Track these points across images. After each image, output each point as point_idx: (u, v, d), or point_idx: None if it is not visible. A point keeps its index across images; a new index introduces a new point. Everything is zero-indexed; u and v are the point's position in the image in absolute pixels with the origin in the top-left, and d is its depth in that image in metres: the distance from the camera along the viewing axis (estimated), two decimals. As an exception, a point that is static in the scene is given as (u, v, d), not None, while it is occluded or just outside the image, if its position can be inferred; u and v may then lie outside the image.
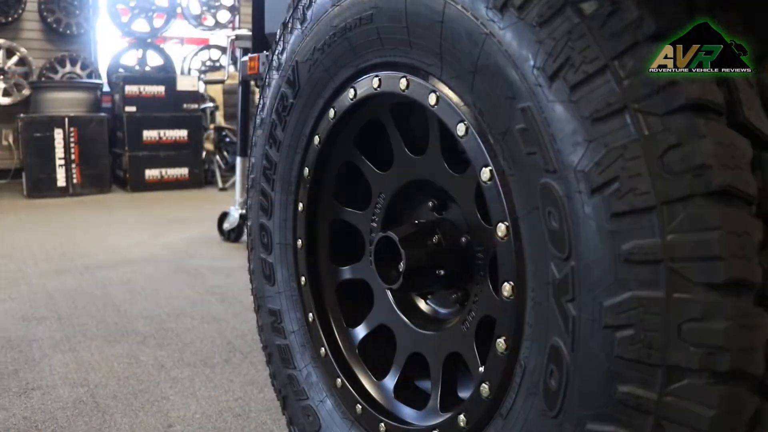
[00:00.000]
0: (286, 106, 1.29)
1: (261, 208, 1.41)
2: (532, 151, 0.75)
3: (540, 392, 0.77)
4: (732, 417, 0.63)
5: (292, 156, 1.31)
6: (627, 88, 0.66)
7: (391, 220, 1.23)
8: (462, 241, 1.09)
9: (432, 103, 0.94)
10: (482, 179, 0.86)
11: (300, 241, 1.33)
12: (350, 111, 1.16)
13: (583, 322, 0.69)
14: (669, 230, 0.63)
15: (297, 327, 1.36)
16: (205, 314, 2.55)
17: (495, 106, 0.80)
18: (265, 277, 1.43)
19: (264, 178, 1.39)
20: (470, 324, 1.04)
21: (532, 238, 0.78)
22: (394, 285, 1.09)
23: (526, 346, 0.80)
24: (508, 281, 0.83)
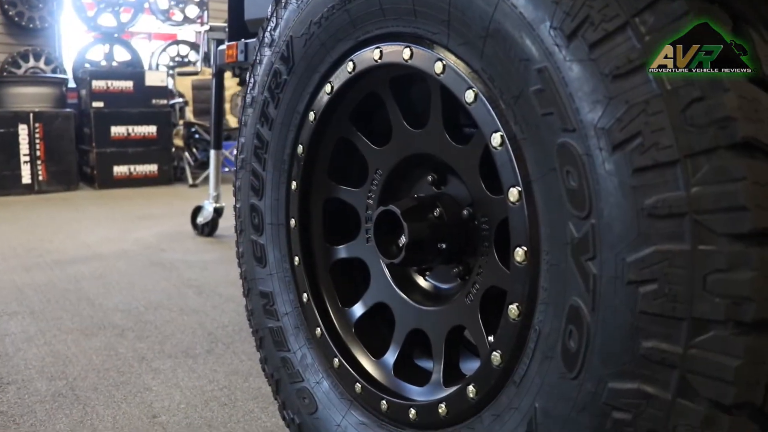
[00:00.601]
0: (280, 82, 1.27)
1: (252, 189, 1.38)
2: (548, 111, 0.74)
3: (558, 355, 0.76)
4: (756, 368, 0.63)
5: (285, 134, 1.29)
6: (648, 44, 0.66)
7: (389, 197, 1.22)
8: (464, 213, 1.09)
9: (438, 72, 0.93)
10: (492, 145, 0.85)
11: (293, 221, 1.31)
12: (348, 85, 1.14)
13: (605, 279, 0.69)
14: (693, 183, 0.63)
15: (290, 308, 1.33)
16: (183, 306, 2.49)
17: (507, 70, 0.80)
18: (256, 259, 1.40)
19: (255, 157, 1.36)
20: (474, 296, 1.03)
21: (547, 200, 0.77)
22: (396, 259, 1.08)
23: (541, 310, 0.80)
24: (520, 246, 0.83)
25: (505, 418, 0.86)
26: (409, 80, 1.15)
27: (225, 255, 3.41)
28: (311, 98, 1.22)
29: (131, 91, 6.14)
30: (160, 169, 6.31)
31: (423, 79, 1.13)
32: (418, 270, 1.21)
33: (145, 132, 6.18)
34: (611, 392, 0.70)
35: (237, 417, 1.63)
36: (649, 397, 0.67)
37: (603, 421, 0.71)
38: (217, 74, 3.42)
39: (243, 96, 1.41)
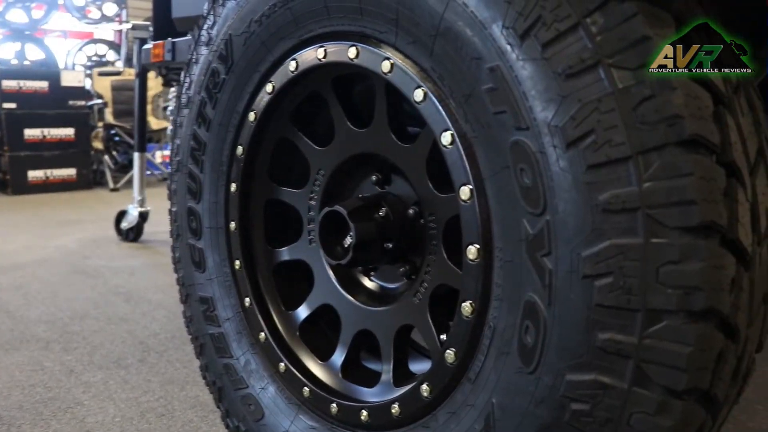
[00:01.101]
0: (218, 82, 1.21)
1: (189, 192, 1.31)
2: (501, 110, 0.73)
3: (514, 351, 0.76)
4: (705, 354, 0.65)
5: (223, 135, 1.23)
6: (600, 44, 0.66)
7: (332, 197, 1.18)
8: (410, 212, 1.07)
9: (385, 71, 0.91)
10: (443, 143, 0.84)
11: (233, 224, 1.25)
12: (290, 84, 1.10)
13: (561, 274, 0.69)
14: (645, 178, 0.64)
15: (232, 314, 1.27)
16: (111, 315, 2.36)
17: (458, 69, 0.79)
18: (194, 264, 1.33)
19: (192, 159, 1.30)
20: (423, 295, 1.02)
21: (499, 197, 0.77)
22: (342, 260, 1.05)
23: (495, 306, 0.79)
24: (473, 244, 0.82)
25: (461, 415, 0.85)
26: (352, 80, 1.13)
27: (152, 260, 3.25)
28: (251, 98, 1.17)
29: (46, 92, 5.77)
30: (79, 173, 5.96)
31: (367, 79, 1.10)
32: (363, 270, 1.19)
33: (62, 134, 5.82)
34: (569, 384, 0.70)
35: (176, 428, 1.55)
36: (605, 388, 0.67)
37: (561, 413, 0.71)
38: (141, 74, 3.26)
39: (177, 96, 1.34)
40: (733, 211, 0.65)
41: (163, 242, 3.72)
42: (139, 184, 3.50)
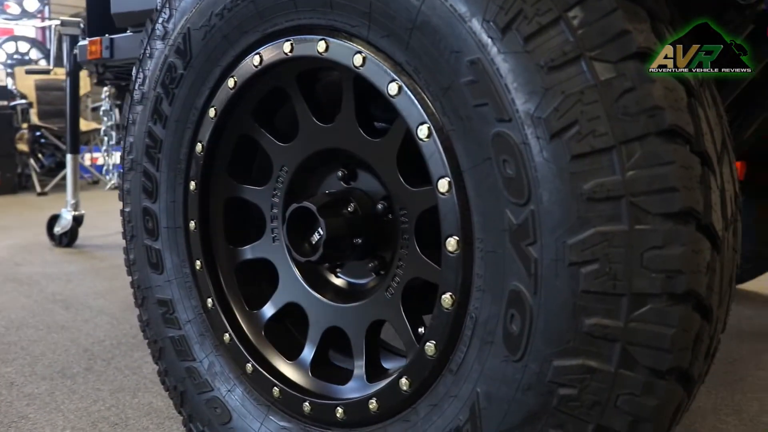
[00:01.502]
0: (175, 77, 1.15)
1: (144, 191, 1.25)
2: (482, 102, 0.73)
3: (499, 340, 0.76)
4: (685, 335, 0.66)
5: (181, 131, 1.17)
6: (581, 37, 0.67)
7: (296, 194, 1.15)
8: (378, 207, 1.05)
9: (357, 65, 0.88)
10: (419, 137, 0.82)
11: (193, 223, 1.20)
12: (253, 79, 1.06)
13: (546, 263, 0.69)
14: (628, 167, 0.65)
15: (193, 315, 1.22)
16: (50, 323, 2.22)
17: (436, 62, 0.78)
18: (151, 265, 1.26)
19: (147, 157, 1.23)
20: (395, 290, 1.00)
21: (479, 189, 0.76)
22: (312, 257, 1.02)
23: (477, 297, 0.79)
24: (452, 236, 0.81)
25: (443, 406, 0.84)
26: (316, 75, 1.10)
27: (89, 265, 3.09)
28: (211, 94, 1.12)
29: (-37, 92, 5.37)
30: (3, 177, 5.58)
31: (332, 73, 1.08)
32: (329, 267, 1.16)
33: (-17, 136, 5.44)
34: (556, 370, 0.70)
35: (130, 436, 1.47)
36: (593, 371, 0.68)
37: (549, 399, 0.71)
38: (72, 73, 3.08)
39: (129, 92, 1.27)
40: (707, 198, 0.67)
41: (99, 246, 3.54)
42: (73, 187, 3.31)
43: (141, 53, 1.22)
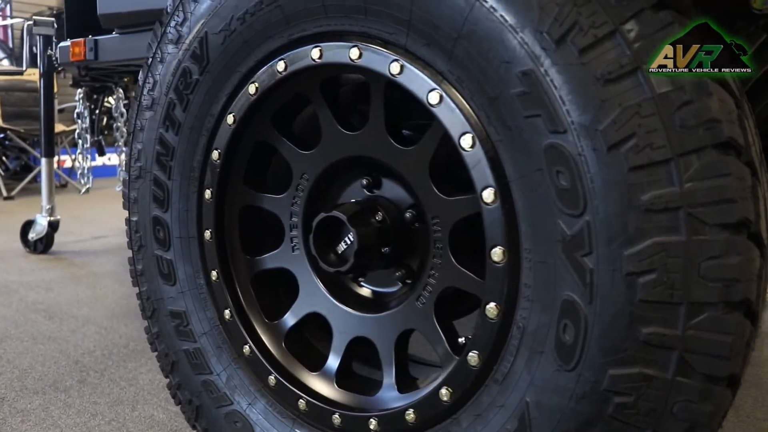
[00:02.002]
0: (190, 83, 1.14)
1: (154, 200, 1.23)
2: (534, 114, 0.74)
3: (550, 349, 0.77)
4: (740, 342, 0.69)
5: (195, 138, 1.16)
6: (637, 50, 0.69)
7: (317, 203, 1.15)
8: (406, 216, 1.06)
9: (394, 73, 0.89)
10: (462, 147, 0.83)
11: (208, 233, 1.19)
12: (276, 86, 1.06)
13: (602, 273, 0.71)
14: (686, 179, 0.67)
15: (209, 327, 1.21)
16: (35, 334, 2.16)
17: (482, 72, 0.79)
18: (162, 276, 1.24)
19: (158, 165, 1.21)
20: (427, 299, 1.01)
21: (528, 199, 0.78)
22: (342, 267, 1.02)
23: (524, 307, 0.80)
24: (497, 246, 0.82)
25: (488, 416, 0.85)
26: (339, 81, 1.10)
27: (68, 273, 3.01)
28: (229, 100, 1.11)
29: None
30: (-37, 181, 5.40)
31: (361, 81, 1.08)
32: (353, 276, 1.16)
33: (-59, 138, 5.25)
34: (612, 378, 0.72)
35: (134, 452, 1.44)
36: (649, 379, 0.70)
37: (604, 407, 0.73)
38: (46, 74, 3.00)
39: (137, 97, 1.25)
40: (757, 207, 0.70)
41: (76, 253, 3.46)
42: (48, 191, 3.22)
43: (149, 57, 1.21)
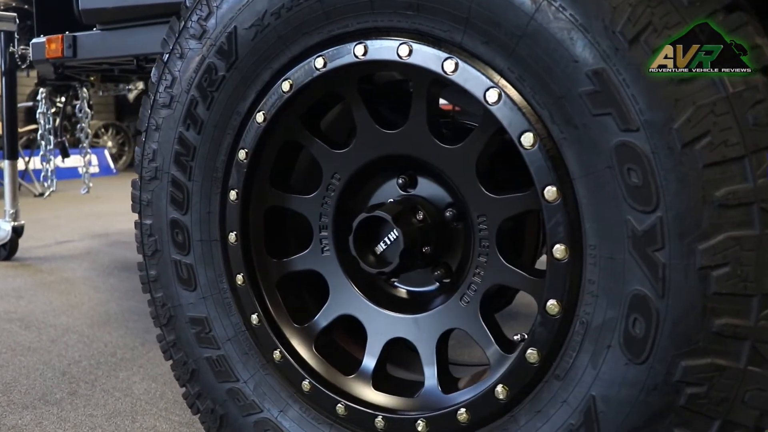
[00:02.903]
0: (215, 79, 1.13)
1: (172, 202, 1.22)
2: (604, 112, 0.78)
3: (617, 343, 0.81)
4: (809, 330, 0.74)
5: (219, 137, 1.16)
6: (710, 50, 0.73)
7: (349, 203, 1.16)
8: (447, 215, 1.09)
9: (449, 71, 0.91)
10: (522, 145, 0.86)
11: (233, 235, 1.18)
12: (312, 83, 1.06)
13: (675, 267, 0.75)
14: (759, 175, 0.72)
15: (234, 333, 1.20)
16: (14, 345, 2.09)
17: (548, 71, 0.82)
18: (181, 281, 1.23)
19: (177, 165, 1.20)
20: (472, 298, 1.04)
21: (594, 197, 0.81)
22: (386, 268, 1.04)
23: (588, 302, 0.84)
24: (559, 243, 0.85)
25: (549, 412, 0.89)
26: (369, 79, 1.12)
27: (37, 279, 2.91)
28: (259, 97, 1.11)
29: None
30: None
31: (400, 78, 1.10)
32: (387, 276, 1.18)
33: None
34: (684, 370, 0.77)
35: (142, 466, 1.42)
36: (722, 369, 0.75)
37: (675, 398, 0.78)
38: (9, 72, 2.88)
39: (152, 95, 1.23)
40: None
41: (42, 259, 3.34)
42: (11, 195, 3.11)
43: (166, 53, 1.19)
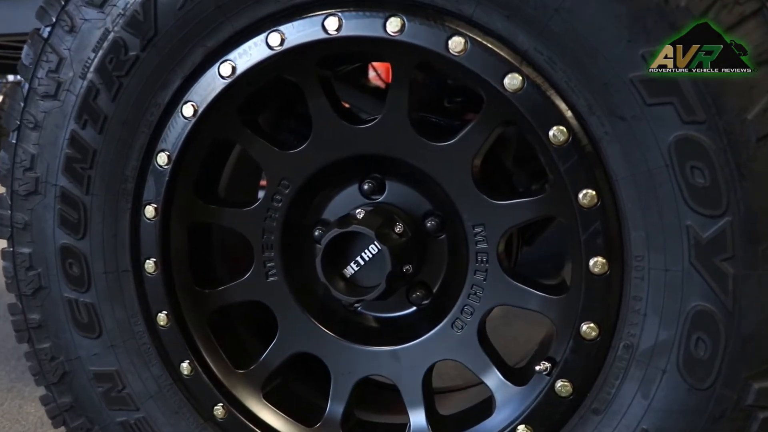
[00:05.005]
0: (125, 61, 0.90)
1: (62, 223, 0.96)
2: (663, 101, 0.69)
3: (674, 367, 0.73)
4: None
5: (130, 137, 0.93)
6: (788, 30, 0.67)
7: (300, 216, 0.98)
8: (428, 225, 0.95)
9: (456, 51, 0.78)
10: (551, 141, 0.76)
11: (151, 263, 0.96)
12: (263, 66, 0.87)
13: (746, 278, 0.69)
14: None
15: (157, 388, 0.98)
16: None
17: (590, 52, 0.72)
18: (79, 326, 0.98)
19: (68, 175, 0.95)
20: (468, 323, 0.91)
21: (643, 200, 0.73)
22: (368, 295, 0.88)
23: (633, 322, 0.76)
24: (598, 256, 0.76)
25: (589, 453, 0.79)
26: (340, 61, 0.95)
27: None
28: (185, 84, 0.90)
29: None
30: None
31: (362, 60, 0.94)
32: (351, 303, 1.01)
33: None
34: (758, 393, 0.70)
35: None
36: (802, 390, 0.70)
37: (747, 424, 0.72)
38: None
39: (23, 81, 0.95)
40: None
41: None
42: None
43: (47, 26, 0.93)
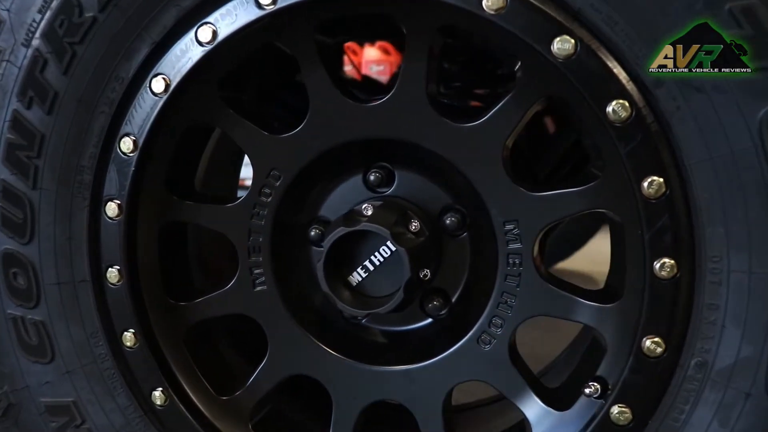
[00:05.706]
0: (79, 24, 0.75)
1: (4, 225, 0.81)
2: (757, 66, 0.58)
3: (762, 389, 0.63)
4: None
5: (87, 118, 0.78)
6: None
7: (294, 213, 0.85)
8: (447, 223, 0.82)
9: (494, 8, 0.65)
10: (610, 118, 0.64)
11: (114, 272, 0.81)
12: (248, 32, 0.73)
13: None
14: None
15: (124, 421, 0.83)
16: None
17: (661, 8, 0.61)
18: (26, 349, 0.83)
19: (8, 165, 0.80)
20: (498, 338, 0.78)
21: (725, 188, 0.62)
22: (383, 307, 0.75)
23: (708, 336, 0.65)
24: (665, 257, 0.65)
25: (655, 492, 0.67)
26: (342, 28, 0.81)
27: None
28: (155, 53, 0.76)
29: None
30: None
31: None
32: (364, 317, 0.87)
33: None
34: None
35: None
36: None
37: None
38: None
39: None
40: None
41: None
42: None
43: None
